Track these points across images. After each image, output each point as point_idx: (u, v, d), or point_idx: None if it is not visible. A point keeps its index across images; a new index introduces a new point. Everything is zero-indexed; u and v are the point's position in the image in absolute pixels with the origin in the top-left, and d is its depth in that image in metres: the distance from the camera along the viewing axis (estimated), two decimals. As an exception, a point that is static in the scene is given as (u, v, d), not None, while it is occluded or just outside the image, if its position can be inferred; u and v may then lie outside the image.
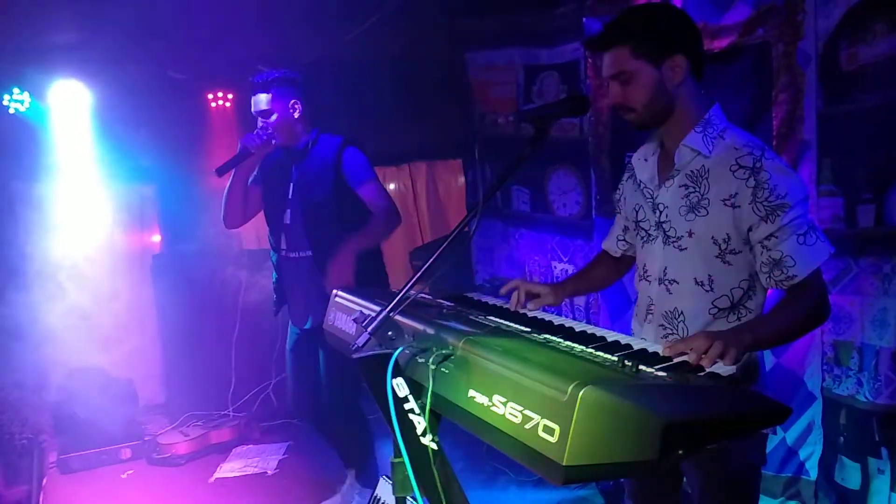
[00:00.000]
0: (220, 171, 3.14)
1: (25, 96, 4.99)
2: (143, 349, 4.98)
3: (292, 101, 3.16)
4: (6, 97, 4.93)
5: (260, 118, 3.18)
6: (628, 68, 1.86)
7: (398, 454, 1.57)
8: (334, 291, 2.09)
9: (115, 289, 4.73)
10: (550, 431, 1.15)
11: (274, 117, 3.15)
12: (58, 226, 4.67)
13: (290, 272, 3.28)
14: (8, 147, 5.02)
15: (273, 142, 3.17)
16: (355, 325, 1.75)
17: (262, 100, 3.14)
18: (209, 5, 4.33)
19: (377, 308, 1.71)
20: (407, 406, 1.53)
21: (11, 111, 4.97)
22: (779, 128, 3.07)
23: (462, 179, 6.00)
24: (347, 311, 1.94)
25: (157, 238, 5.67)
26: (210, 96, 5.56)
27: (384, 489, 2.73)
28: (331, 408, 3.30)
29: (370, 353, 1.56)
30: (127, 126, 5.04)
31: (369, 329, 1.60)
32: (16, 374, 4.11)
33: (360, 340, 1.59)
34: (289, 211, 3.22)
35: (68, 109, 4.99)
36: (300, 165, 3.24)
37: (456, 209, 6.79)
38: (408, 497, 1.71)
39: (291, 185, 3.23)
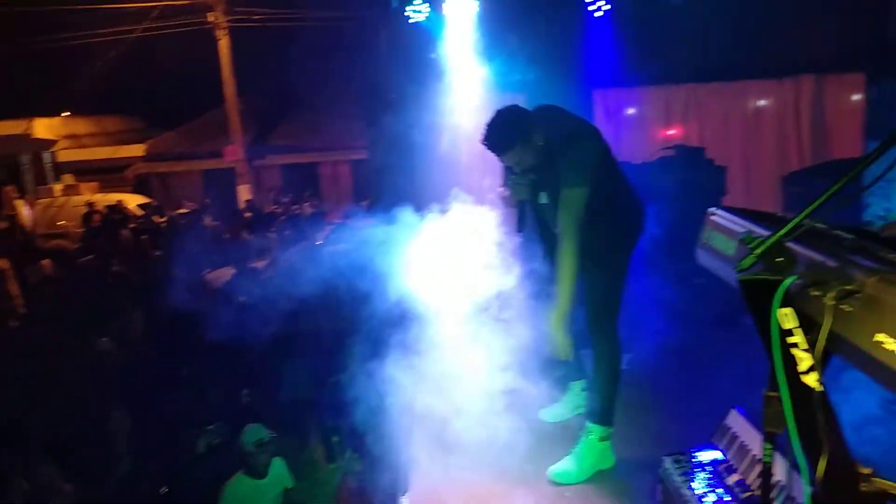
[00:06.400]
0: (520, 230, 3.37)
1: (425, 7, 5.52)
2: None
3: (519, 149, 3.16)
4: (408, 8, 5.51)
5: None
6: None
7: (773, 387, 1.47)
8: (710, 210, 1.99)
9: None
10: None
11: (517, 166, 3.25)
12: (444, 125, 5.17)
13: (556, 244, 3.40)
14: (403, 54, 5.63)
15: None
16: (737, 245, 1.64)
17: (503, 160, 3.27)
18: None
19: (765, 231, 1.58)
20: (791, 339, 1.41)
21: (411, 20, 5.56)
22: None
23: (860, 97, 5.18)
24: (727, 231, 1.83)
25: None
26: (590, 4, 5.53)
27: (735, 421, 2.62)
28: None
29: (757, 276, 1.45)
30: (506, 35, 5.31)
31: (757, 251, 1.49)
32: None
33: (746, 262, 1.49)
34: (544, 193, 3.31)
35: (459, 19, 5.42)
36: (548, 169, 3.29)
37: (846, 132, 5.92)
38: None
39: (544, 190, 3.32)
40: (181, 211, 14.15)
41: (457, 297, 3.22)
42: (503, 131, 3.07)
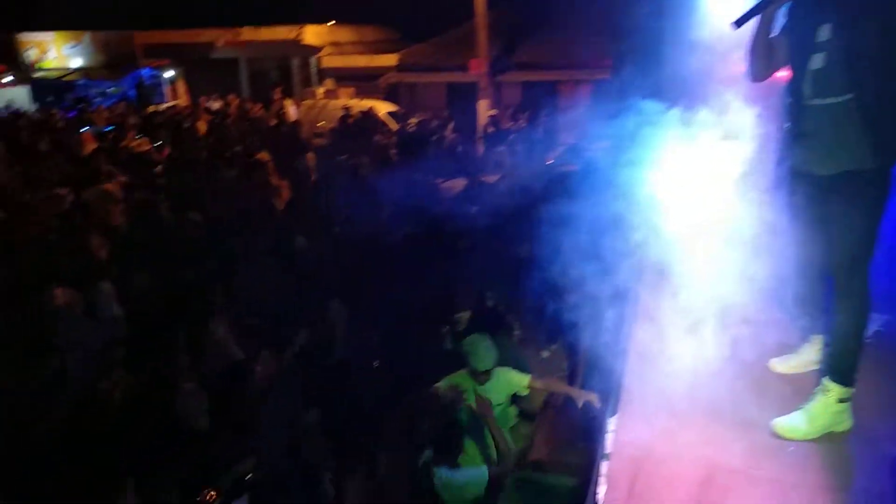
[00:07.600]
0: (739, 23, 2.93)
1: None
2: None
3: None
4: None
5: None
6: None
7: None
8: None
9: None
10: None
11: None
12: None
13: (811, 119, 2.94)
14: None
15: None
16: None
17: None
18: None
19: None
20: None
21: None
22: None
23: None
24: None
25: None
26: None
27: None
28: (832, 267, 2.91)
29: None
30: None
31: None
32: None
33: None
34: (819, 55, 2.85)
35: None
36: (832, 5, 2.79)
37: None
38: None
39: (825, 26, 2.83)
40: (412, 121, 14.89)
41: (697, 219, 3.04)
42: None
